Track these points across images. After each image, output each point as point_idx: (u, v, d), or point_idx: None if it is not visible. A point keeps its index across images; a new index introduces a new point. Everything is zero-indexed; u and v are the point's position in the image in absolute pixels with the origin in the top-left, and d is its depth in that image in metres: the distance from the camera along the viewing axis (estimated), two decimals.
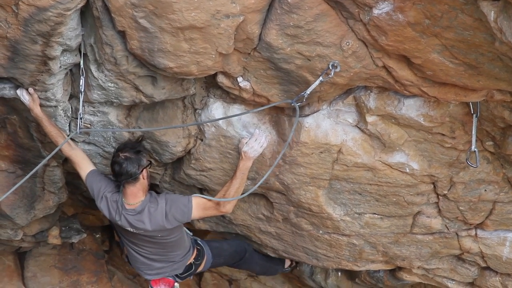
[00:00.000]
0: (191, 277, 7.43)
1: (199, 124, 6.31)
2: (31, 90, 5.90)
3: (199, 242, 7.33)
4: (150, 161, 6.42)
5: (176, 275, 7.13)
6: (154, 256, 6.88)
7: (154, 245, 6.74)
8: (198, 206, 6.31)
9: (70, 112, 6.29)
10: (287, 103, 5.69)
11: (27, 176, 5.95)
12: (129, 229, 6.51)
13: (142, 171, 6.20)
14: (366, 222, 6.79)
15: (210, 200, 6.32)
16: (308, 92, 5.39)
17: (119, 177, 6.22)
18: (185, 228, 6.94)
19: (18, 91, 5.96)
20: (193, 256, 7.16)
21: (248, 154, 6.10)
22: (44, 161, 6.21)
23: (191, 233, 7.19)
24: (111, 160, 6.26)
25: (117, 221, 6.48)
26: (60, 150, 6.32)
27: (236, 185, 6.20)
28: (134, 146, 6.23)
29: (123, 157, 6.13)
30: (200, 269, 7.37)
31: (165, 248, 6.81)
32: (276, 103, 5.71)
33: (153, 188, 7.57)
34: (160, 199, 6.38)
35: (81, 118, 6.21)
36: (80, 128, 6.23)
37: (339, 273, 8.67)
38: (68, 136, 6.35)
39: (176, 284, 7.13)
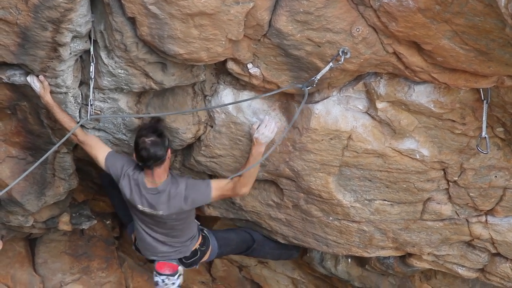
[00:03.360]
0: (197, 266, 7.47)
1: (208, 109, 6.31)
2: (41, 77, 5.92)
3: (205, 231, 7.41)
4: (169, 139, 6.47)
5: (182, 262, 7.18)
6: (163, 238, 6.94)
7: (164, 227, 6.81)
8: (216, 189, 6.48)
9: (80, 99, 6.30)
10: (297, 89, 5.68)
11: (40, 160, 5.96)
12: (146, 209, 6.57)
13: (167, 151, 6.28)
14: (376, 208, 6.78)
15: (227, 182, 6.47)
16: (319, 77, 5.38)
17: (148, 162, 6.28)
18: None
19: (29, 78, 5.97)
20: (198, 242, 7.21)
21: (260, 140, 6.12)
22: (55, 147, 6.21)
23: (198, 223, 7.26)
24: (135, 147, 6.26)
25: (136, 201, 6.55)
26: (73, 136, 6.39)
27: (250, 170, 6.26)
28: (156, 129, 6.25)
29: (149, 142, 6.15)
30: (205, 258, 7.42)
31: (174, 231, 6.88)
32: (286, 87, 5.70)
33: None
34: (181, 182, 6.49)
35: (91, 105, 6.22)
36: (90, 114, 6.24)
37: (349, 260, 8.67)
38: (78, 122, 6.35)
39: (179, 268, 7.18)
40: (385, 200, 6.70)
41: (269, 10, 5.08)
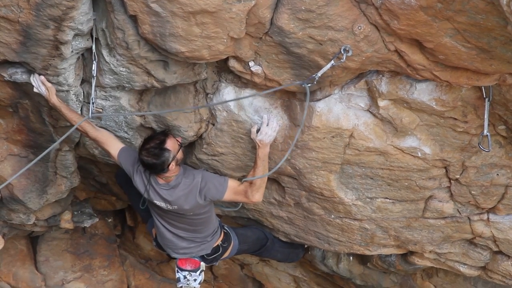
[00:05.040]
0: (217, 263, 7.45)
1: (210, 107, 6.31)
2: (42, 78, 5.90)
3: (226, 227, 7.35)
4: (181, 144, 6.35)
5: (203, 258, 7.15)
6: (183, 234, 6.90)
7: (183, 222, 6.78)
8: (231, 189, 6.41)
9: (82, 97, 6.29)
10: (298, 87, 5.69)
11: (41, 156, 5.92)
12: (162, 204, 6.54)
13: (169, 164, 6.18)
14: (378, 206, 6.79)
15: (240, 184, 6.41)
16: (319, 75, 5.39)
17: (151, 172, 6.32)
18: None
19: (34, 83, 5.95)
20: (220, 238, 7.17)
21: (264, 141, 6.11)
22: (56, 143, 6.24)
23: (218, 219, 7.21)
24: (138, 157, 6.24)
25: (151, 197, 6.52)
26: (84, 134, 6.40)
27: (260, 173, 6.24)
28: (159, 141, 6.15)
29: (149, 157, 6.12)
30: (226, 254, 7.37)
31: (194, 226, 6.83)
32: (287, 85, 5.71)
33: None
34: (197, 174, 6.44)
35: (93, 103, 6.21)
36: (92, 112, 6.23)
37: (351, 258, 8.68)
38: (80, 121, 6.34)
39: (202, 263, 7.14)
40: (386, 198, 6.71)
41: (271, 8, 5.08)
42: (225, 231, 7.27)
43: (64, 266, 10.74)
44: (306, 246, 8.41)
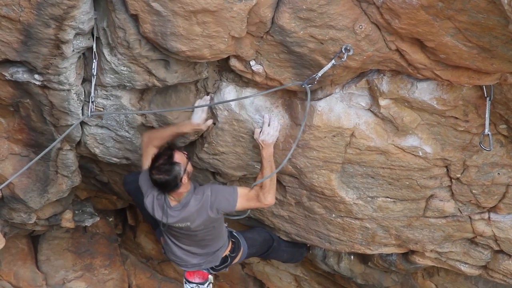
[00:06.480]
0: (227, 269, 7.41)
1: (211, 106, 6.31)
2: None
3: (234, 234, 7.31)
4: (189, 157, 6.34)
5: (212, 268, 7.13)
6: (193, 249, 6.88)
7: (194, 239, 6.75)
8: (242, 197, 6.34)
9: (83, 96, 6.30)
10: (299, 86, 5.69)
11: (41, 154, 5.94)
12: (175, 224, 6.51)
13: (182, 178, 6.16)
14: (379, 205, 6.79)
15: (250, 190, 6.35)
16: (320, 74, 5.40)
17: (163, 190, 6.29)
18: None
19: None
20: (229, 249, 7.14)
21: (267, 141, 6.11)
22: (57, 141, 6.23)
23: (225, 224, 7.15)
24: (150, 176, 6.24)
25: (162, 218, 6.47)
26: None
27: (267, 174, 6.22)
28: (169, 157, 6.14)
29: (160, 175, 6.11)
30: (235, 261, 7.35)
31: (205, 242, 6.81)
32: (287, 85, 5.71)
33: None
34: (206, 189, 6.37)
35: (92, 102, 6.22)
36: (91, 111, 6.23)
37: (352, 257, 8.68)
38: (79, 120, 6.36)
39: (210, 276, 7.13)
40: (387, 197, 6.71)
41: (272, 7, 5.08)
42: (233, 239, 7.22)
43: (65, 265, 10.76)
44: (308, 245, 8.42)
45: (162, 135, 6.48)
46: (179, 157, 6.15)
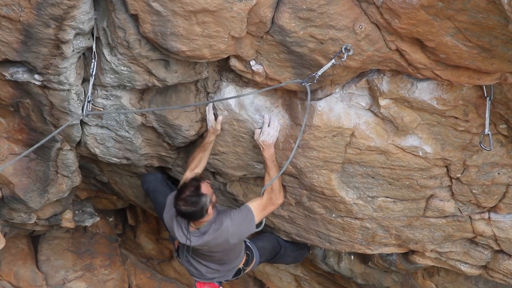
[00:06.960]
0: (238, 278, 7.45)
1: (210, 103, 6.30)
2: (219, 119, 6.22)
3: (248, 244, 7.30)
4: (213, 186, 6.34)
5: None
6: (211, 265, 6.90)
7: (212, 259, 6.80)
8: (257, 210, 6.37)
9: (83, 96, 6.30)
10: (299, 85, 5.69)
11: (36, 145, 5.87)
12: (190, 244, 6.50)
13: (207, 209, 6.16)
14: (379, 205, 6.78)
15: (261, 198, 6.39)
16: (320, 74, 5.40)
17: (187, 219, 6.30)
18: None
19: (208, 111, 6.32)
20: (242, 262, 7.15)
21: (267, 142, 6.13)
22: (53, 133, 6.21)
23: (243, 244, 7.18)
24: (174, 208, 6.23)
25: (181, 239, 6.47)
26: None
27: (274, 174, 6.28)
28: (195, 189, 6.12)
29: (186, 208, 6.10)
30: (247, 271, 7.37)
31: (223, 261, 6.86)
32: (287, 82, 5.71)
33: (165, 171, 7.60)
34: (225, 219, 6.33)
35: (89, 101, 6.22)
36: (87, 111, 6.23)
37: (352, 257, 8.68)
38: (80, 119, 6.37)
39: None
40: (388, 197, 6.70)
41: (272, 7, 5.08)
42: (248, 252, 7.22)
43: (65, 265, 10.77)
44: (308, 245, 8.42)
45: (193, 156, 6.58)
46: (206, 188, 6.15)
